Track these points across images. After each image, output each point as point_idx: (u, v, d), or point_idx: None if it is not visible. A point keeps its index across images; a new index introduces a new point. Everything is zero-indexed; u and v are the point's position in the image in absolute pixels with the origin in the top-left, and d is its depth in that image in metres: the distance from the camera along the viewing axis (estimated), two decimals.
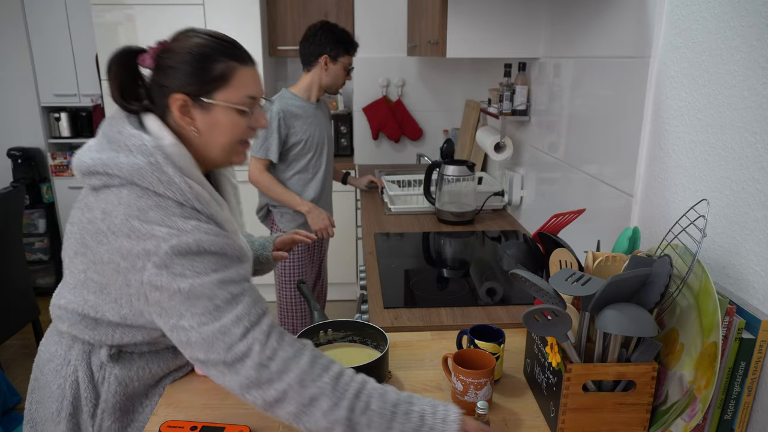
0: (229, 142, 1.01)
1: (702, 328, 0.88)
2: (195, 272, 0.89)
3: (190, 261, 0.89)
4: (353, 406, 0.88)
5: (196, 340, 0.89)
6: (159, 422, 1.03)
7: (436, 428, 0.89)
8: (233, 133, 1.00)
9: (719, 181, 1.04)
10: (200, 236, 0.91)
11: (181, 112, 0.97)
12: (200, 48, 0.96)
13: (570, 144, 1.74)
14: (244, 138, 1.03)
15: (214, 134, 1.00)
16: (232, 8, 3.20)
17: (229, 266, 0.93)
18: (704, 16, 1.08)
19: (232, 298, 0.90)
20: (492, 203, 2.40)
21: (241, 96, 0.98)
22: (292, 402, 0.88)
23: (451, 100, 3.62)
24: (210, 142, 1.00)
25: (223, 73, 0.96)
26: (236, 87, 0.98)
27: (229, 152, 1.03)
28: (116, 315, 0.99)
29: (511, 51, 2.02)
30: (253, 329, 0.90)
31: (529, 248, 1.22)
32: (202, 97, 0.96)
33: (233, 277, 0.92)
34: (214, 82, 0.96)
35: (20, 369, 2.92)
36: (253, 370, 0.88)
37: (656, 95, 1.25)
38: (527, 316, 0.92)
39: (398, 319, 1.44)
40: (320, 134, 2.31)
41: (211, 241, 0.91)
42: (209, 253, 0.91)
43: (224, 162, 1.05)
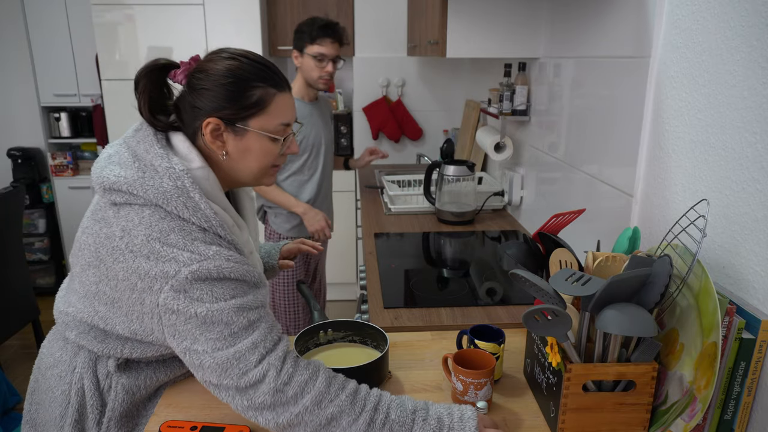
0: (260, 168, 1.00)
1: (702, 328, 0.88)
2: (213, 298, 0.88)
3: (209, 287, 0.89)
4: (373, 419, 0.89)
5: (209, 364, 0.88)
6: (159, 422, 1.03)
7: (455, 428, 0.90)
8: (264, 160, 0.99)
9: (719, 181, 1.04)
10: (221, 263, 0.90)
11: (212, 135, 0.95)
12: (238, 72, 0.94)
13: (570, 144, 1.74)
14: (275, 164, 1.02)
15: (245, 159, 0.98)
16: (232, 8, 3.20)
17: (248, 292, 0.92)
18: (704, 16, 1.08)
19: (249, 325, 0.90)
20: (492, 203, 2.40)
21: (276, 123, 0.97)
22: (309, 424, 0.88)
23: (451, 100, 3.62)
24: (239, 166, 0.99)
25: (261, 99, 0.95)
26: (272, 114, 0.96)
27: (257, 176, 1.02)
28: (126, 329, 0.97)
29: (511, 51, 2.02)
30: (268, 355, 0.89)
31: (529, 248, 1.22)
32: (237, 123, 0.95)
33: (251, 303, 0.92)
34: (251, 108, 0.94)
35: (20, 369, 2.92)
36: (268, 396, 0.88)
37: (656, 95, 1.25)
38: (527, 316, 0.92)
39: (398, 319, 1.44)
40: (316, 135, 2.27)
41: (231, 268, 0.90)
42: (229, 279, 0.90)
43: (252, 184, 1.05)
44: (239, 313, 0.89)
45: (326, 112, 2.38)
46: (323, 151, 2.30)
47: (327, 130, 2.34)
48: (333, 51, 2.16)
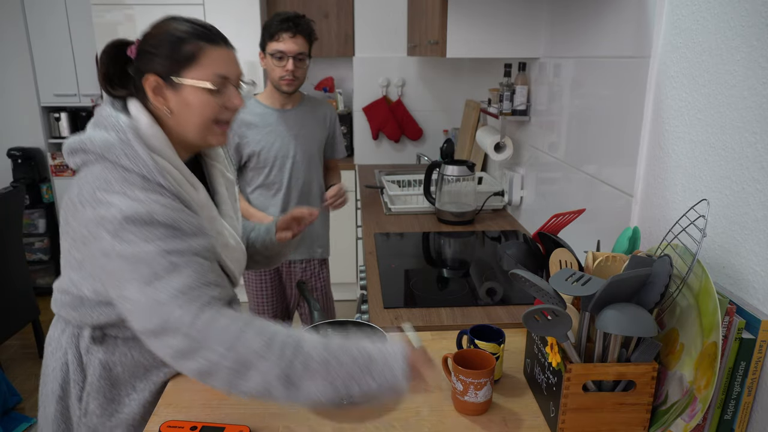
0: (202, 122, 1.02)
1: (702, 328, 0.88)
2: (141, 239, 0.91)
3: (139, 229, 0.91)
4: (292, 362, 0.87)
5: (134, 309, 0.90)
6: (159, 422, 1.03)
7: (380, 363, 0.89)
8: (204, 113, 1.02)
9: (719, 181, 1.04)
10: (154, 207, 0.93)
11: (154, 92, 1.00)
12: (171, 30, 1.00)
13: (570, 144, 1.74)
14: (218, 118, 1.04)
15: (186, 114, 1.01)
16: (232, 8, 3.20)
17: (178, 238, 0.93)
18: (704, 16, 1.08)
19: (173, 268, 0.90)
20: (492, 203, 2.40)
21: (209, 74, 1.00)
22: (227, 370, 0.87)
23: (451, 100, 3.62)
24: (183, 122, 1.02)
25: (192, 53, 0.99)
26: (204, 66, 1.00)
27: (204, 132, 1.04)
28: (91, 291, 1.01)
29: (511, 51, 2.02)
30: (189, 303, 0.89)
31: (529, 248, 1.22)
32: (172, 77, 0.99)
33: (180, 248, 0.93)
34: (183, 62, 0.99)
35: (20, 369, 2.92)
36: (181, 340, 0.87)
37: (656, 95, 1.25)
38: (527, 316, 0.92)
39: (398, 319, 1.44)
40: (282, 145, 2.02)
41: (163, 213, 0.93)
42: (160, 224, 0.92)
43: (202, 143, 1.06)
44: (164, 255, 0.90)
45: (309, 120, 2.09)
46: (290, 165, 2.04)
47: (305, 141, 2.06)
48: (293, 47, 1.90)
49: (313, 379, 0.87)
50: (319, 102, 2.17)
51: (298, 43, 1.90)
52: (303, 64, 1.95)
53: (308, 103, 2.11)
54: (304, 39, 1.92)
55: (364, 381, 0.88)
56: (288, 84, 1.94)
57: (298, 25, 1.90)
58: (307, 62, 1.96)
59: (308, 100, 2.12)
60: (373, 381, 0.88)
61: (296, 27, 1.89)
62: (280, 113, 2.03)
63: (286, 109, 2.04)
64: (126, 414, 1.10)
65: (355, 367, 0.88)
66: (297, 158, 2.06)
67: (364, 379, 0.88)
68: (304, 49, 1.93)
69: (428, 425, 1.02)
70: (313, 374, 0.87)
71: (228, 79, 1.03)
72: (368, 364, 0.89)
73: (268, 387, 0.88)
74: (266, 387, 0.88)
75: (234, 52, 1.05)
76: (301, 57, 1.93)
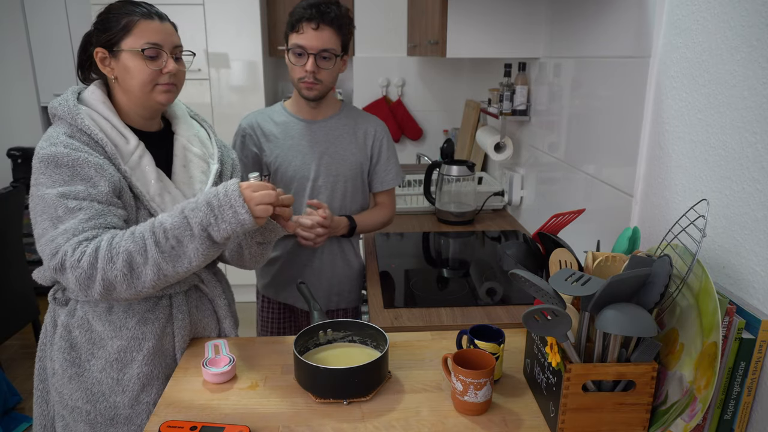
0: (141, 84, 1.16)
1: (702, 328, 0.88)
2: (46, 184, 1.07)
3: (46, 171, 1.07)
4: (157, 241, 1.05)
5: (40, 248, 1.07)
6: (159, 422, 1.03)
7: (223, 203, 1.05)
8: (142, 76, 1.16)
9: (719, 181, 1.04)
10: (59, 149, 1.07)
11: (102, 63, 1.18)
12: (113, 10, 1.17)
13: (570, 144, 1.74)
14: (156, 81, 1.17)
15: (128, 78, 1.17)
16: (232, 8, 3.20)
17: (77, 183, 1.07)
18: (704, 16, 1.07)
19: (69, 212, 1.05)
20: (492, 203, 2.40)
21: (142, 42, 1.15)
22: (118, 280, 1.04)
23: (451, 100, 3.62)
24: (127, 86, 1.18)
25: (126, 24, 1.15)
26: (137, 35, 1.15)
27: (146, 92, 1.18)
28: None
29: (511, 51, 2.02)
30: (72, 238, 1.04)
31: (529, 248, 1.22)
32: (113, 47, 1.16)
33: (77, 192, 1.06)
34: (120, 32, 1.15)
35: (20, 369, 2.92)
36: (79, 273, 1.03)
37: (656, 95, 1.25)
38: (527, 316, 0.92)
39: (398, 319, 1.44)
40: (303, 164, 1.63)
41: (65, 154, 1.07)
42: (61, 165, 1.07)
43: (151, 102, 1.19)
44: (63, 198, 1.06)
45: (344, 137, 1.66)
46: (309, 190, 1.65)
47: (332, 162, 1.64)
48: (316, 42, 1.50)
49: (187, 243, 1.05)
50: (363, 116, 1.72)
51: (323, 36, 1.50)
52: (329, 63, 1.54)
53: (347, 116, 1.69)
54: (333, 32, 1.52)
55: (217, 226, 1.05)
56: (308, 88, 1.56)
57: (325, 14, 1.50)
58: (335, 62, 1.56)
59: (348, 112, 1.70)
60: (224, 222, 1.05)
61: (322, 16, 1.49)
62: (307, 125, 1.66)
63: (316, 121, 1.66)
64: (85, 379, 1.20)
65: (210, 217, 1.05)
66: (319, 182, 1.65)
67: (217, 225, 1.05)
68: (332, 45, 1.53)
69: (428, 425, 1.02)
70: (183, 240, 1.05)
71: (160, 47, 1.17)
72: (214, 211, 1.05)
73: (160, 271, 1.06)
74: (159, 272, 1.06)
75: (169, 25, 1.21)
76: (326, 55, 1.53)
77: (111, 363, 1.20)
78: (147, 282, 1.06)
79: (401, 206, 2.44)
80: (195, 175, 1.28)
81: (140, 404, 1.22)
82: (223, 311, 1.34)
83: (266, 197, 1.07)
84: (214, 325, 1.34)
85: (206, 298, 1.32)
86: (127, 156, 1.16)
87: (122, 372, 1.20)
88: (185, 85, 1.30)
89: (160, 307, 1.23)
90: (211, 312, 1.33)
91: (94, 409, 1.20)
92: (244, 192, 1.06)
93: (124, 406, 1.21)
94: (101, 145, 1.13)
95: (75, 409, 1.21)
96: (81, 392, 1.20)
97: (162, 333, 1.23)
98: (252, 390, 1.13)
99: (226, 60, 3.27)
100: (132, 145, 1.18)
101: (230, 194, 1.05)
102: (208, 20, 3.20)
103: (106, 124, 1.16)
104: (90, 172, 1.08)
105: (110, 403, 1.21)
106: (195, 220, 1.05)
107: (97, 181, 1.08)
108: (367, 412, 1.06)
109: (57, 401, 1.23)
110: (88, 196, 1.07)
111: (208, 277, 1.31)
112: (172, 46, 1.19)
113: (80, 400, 1.20)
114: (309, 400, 1.09)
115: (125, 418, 1.22)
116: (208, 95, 3.32)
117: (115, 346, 1.19)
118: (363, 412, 1.06)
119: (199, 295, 1.31)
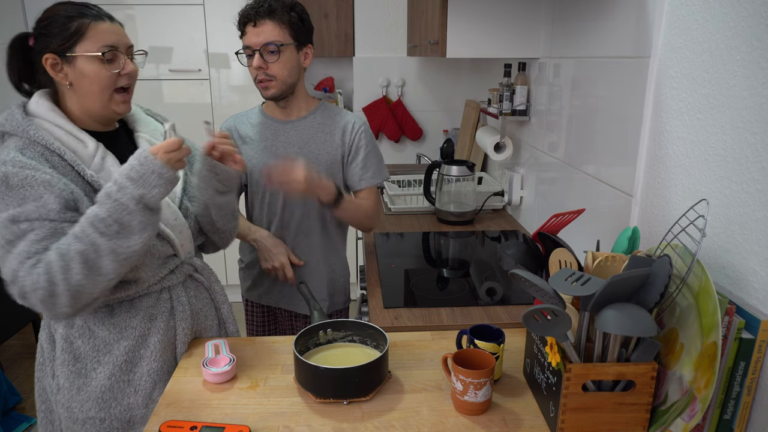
0: (100, 90, 1.14)
1: (702, 328, 0.88)
2: (0, 206, 1.03)
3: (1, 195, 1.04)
4: (98, 229, 1.03)
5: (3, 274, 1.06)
6: (159, 422, 1.03)
7: (142, 168, 1.04)
8: (100, 81, 1.13)
9: (719, 181, 1.04)
10: (8, 169, 1.03)
11: (54, 70, 1.12)
12: (60, 12, 1.12)
13: (570, 144, 1.74)
14: (115, 85, 1.15)
15: (85, 84, 1.13)
16: (232, 8, 3.18)
17: (27, 201, 1.03)
18: (704, 16, 1.08)
19: (21, 234, 1.03)
20: (492, 203, 2.40)
21: (98, 46, 1.12)
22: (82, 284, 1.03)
23: (451, 100, 3.62)
24: (84, 92, 1.14)
25: (78, 29, 1.11)
26: (92, 39, 1.12)
27: (106, 101, 1.15)
28: None
29: (511, 51, 2.02)
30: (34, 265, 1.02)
31: (529, 248, 1.22)
32: (66, 53, 1.11)
33: (28, 213, 1.03)
34: (72, 37, 1.11)
35: (20, 369, 2.92)
36: (34, 294, 1.02)
37: (656, 95, 1.25)
38: (527, 316, 0.92)
39: (398, 319, 1.44)
40: None
41: (13, 174, 1.03)
42: (12, 187, 1.03)
43: (108, 111, 1.17)
44: (12, 223, 1.03)
45: (319, 135, 1.61)
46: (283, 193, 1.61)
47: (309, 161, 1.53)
48: (256, 38, 1.47)
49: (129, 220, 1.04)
50: (340, 114, 1.65)
51: (263, 31, 1.46)
52: (275, 57, 1.48)
53: (323, 114, 1.64)
54: (273, 24, 1.47)
55: (150, 193, 1.05)
56: (264, 87, 1.51)
57: (259, 9, 1.45)
58: (285, 54, 1.49)
59: (325, 110, 1.65)
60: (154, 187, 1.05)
61: (256, 12, 1.45)
62: (280, 125, 1.62)
63: (289, 120, 1.62)
64: (94, 387, 1.18)
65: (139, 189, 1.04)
66: None
67: (150, 192, 1.05)
68: (275, 37, 1.46)
69: (428, 425, 1.02)
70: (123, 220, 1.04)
71: (116, 49, 1.14)
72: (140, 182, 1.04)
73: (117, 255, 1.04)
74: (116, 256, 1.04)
75: (119, 25, 1.17)
76: (271, 48, 1.46)
77: (119, 366, 1.19)
78: (110, 271, 1.05)
79: (401, 206, 2.44)
80: None
81: (154, 402, 1.21)
82: (221, 297, 1.36)
83: (178, 155, 1.09)
84: (213, 314, 1.36)
85: (203, 287, 1.34)
86: (88, 160, 1.14)
87: (132, 372, 1.20)
88: (185, 85, 1.30)
89: (161, 301, 1.24)
90: (209, 300, 1.35)
91: (109, 415, 1.19)
92: (158, 156, 1.06)
93: (139, 406, 1.21)
94: (59, 153, 1.10)
95: (87, 421, 1.19)
96: (92, 402, 1.19)
97: (166, 327, 1.24)
98: (252, 390, 1.13)
99: (226, 60, 3.27)
100: (91, 149, 1.15)
101: (148, 162, 1.05)
102: (208, 20, 3.20)
103: (60, 132, 1.13)
104: (39, 191, 1.04)
105: (124, 405, 1.20)
106: (126, 198, 1.04)
107: (47, 199, 1.05)
108: (367, 412, 1.06)
109: (66, 417, 1.21)
110: (39, 216, 1.04)
111: (202, 265, 1.33)
112: (126, 47, 1.17)
113: (92, 410, 1.19)
114: (309, 400, 1.09)
115: (141, 418, 1.21)
116: (208, 95, 3.32)
117: (122, 348, 1.19)
118: (363, 412, 1.06)
119: (195, 285, 1.32)
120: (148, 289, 1.21)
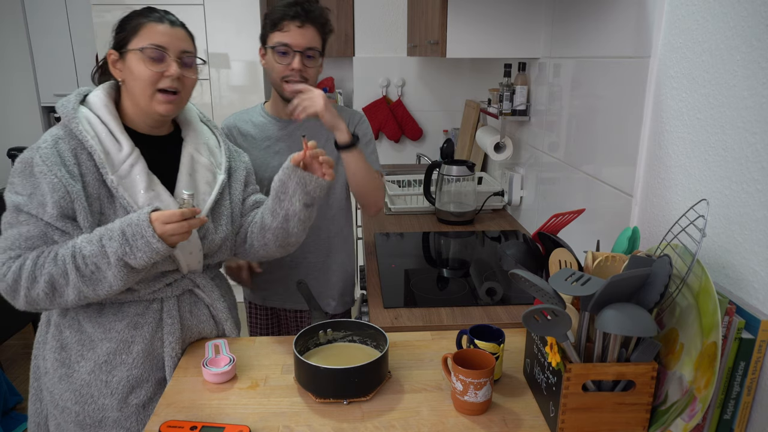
0: (143, 87, 1.15)
1: (702, 328, 0.88)
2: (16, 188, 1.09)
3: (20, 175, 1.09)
4: (77, 266, 1.06)
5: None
6: (159, 422, 1.03)
7: (135, 228, 1.05)
8: (144, 78, 1.14)
9: (719, 181, 1.04)
10: (37, 157, 1.08)
11: (114, 66, 1.19)
12: (128, 14, 1.19)
13: (570, 144, 1.74)
14: (158, 85, 1.16)
15: (132, 80, 1.16)
16: (232, 8, 3.20)
17: (35, 195, 1.08)
18: (704, 16, 1.08)
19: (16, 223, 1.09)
20: (492, 203, 2.40)
21: (146, 43, 1.14)
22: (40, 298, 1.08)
23: (451, 100, 3.62)
24: (131, 88, 1.17)
25: (134, 27, 1.16)
26: (143, 36, 1.15)
27: (148, 99, 1.16)
28: None
29: (511, 51, 2.02)
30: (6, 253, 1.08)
31: (529, 248, 1.22)
32: (121, 49, 1.17)
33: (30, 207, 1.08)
34: (128, 33, 1.16)
35: (20, 369, 2.92)
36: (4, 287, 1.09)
37: (656, 95, 1.25)
38: (527, 316, 0.92)
39: (398, 319, 1.44)
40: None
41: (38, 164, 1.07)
42: (31, 175, 1.08)
43: (150, 111, 1.18)
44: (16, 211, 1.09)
45: (322, 135, 1.59)
46: None
47: None
48: (301, 40, 1.48)
49: (106, 270, 1.07)
50: (342, 111, 1.64)
51: (307, 35, 1.49)
52: (314, 62, 1.53)
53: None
54: (316, 31, 1.51)
55: (133, 255, 1.06)
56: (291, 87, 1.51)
57: (309, 12, 1.48)
58: (319, 61, 1.55)
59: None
60: (139, 251, 1.06)
61: (307, 15, 1.47)
62: (284, 125, 1.62)
63: (292, 120, 1.59)
64: (75, 380, 1.20)
65: (125, 247, 1.05)
66: None
67: (133, 254, 1.06)
68: (316, 44, 1.51)
69: (428, 425, 1.02)
70: (101, 267, 1.06)
71: (164, 50, 1.15)
72: (129, 241, 1.05)
73: (81, 293, 1.08)
74: (80, 294, 1.08)
75: (180, 30, 1.20)
76: (311, 53, 1.51)
77: (100, 365, 1.19)
78: (69, 301, 1.10)
79: (401, 206, 2.44)
80: (200, 188, 1.26)
81: (129, 407, 1.21)
82: (223, 314, 1.31)
83: (177, 229, 1.06)
84: (211, 329, 1.31)
85: (202, 303, 1.30)
86: (117, 164, 1.14)
87: (111, 374, 1.19)
88: None
89: (150, 311, 1.21)
90: (208, 317, 1.30)
91: (83, 410, 1.20)
92: (154, 224, 1.05)
93: (112, 409, 1.20)
94: (90, 152, 1.12)
95: (65, 410, 1.21)
96: (70, 393, 1.20)
97: (152, 337, 1.21)
98: (252, 390, 1.13)
99: (226, 60, 3.28)
100: (125, 153, 1.15)
101: (141, 225, 1.05)
102: (208, 20, 3.20)
103: (103, 129, 1.15)
104: (44, 191, 1.07)
105: (98, 405, 1.20)
106: (111, 250, 1.05)
107: (47, 201, 1.07)
108: (367, 412, 1.06)
109: (49, 400, 1.23)
110: (36, 214, 1.08)
111: (204, 282, 1.28)
112: (179, 51, 1.17)
113: (69, 400, 1.20)
114: (309, 400, 1.09)
115: (113, 420, 1.21)
116: (208, 95, 3.32)
117: (104, 348, 1.19)
118: (363, 412, 1.06)
119: (194, 300, 1.28)
120: (139, 297, 1.19)
